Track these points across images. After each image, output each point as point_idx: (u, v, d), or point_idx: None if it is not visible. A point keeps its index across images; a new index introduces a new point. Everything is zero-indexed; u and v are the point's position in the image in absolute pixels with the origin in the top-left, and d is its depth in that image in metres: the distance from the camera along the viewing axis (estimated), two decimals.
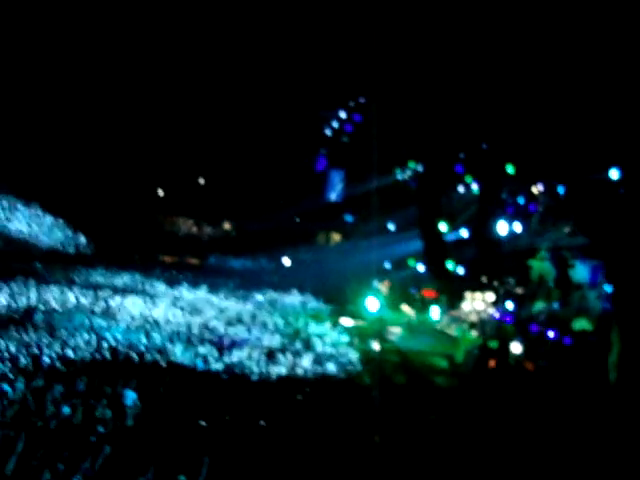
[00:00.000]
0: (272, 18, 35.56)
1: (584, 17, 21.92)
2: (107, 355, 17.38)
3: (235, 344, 20.26)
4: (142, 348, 18.33)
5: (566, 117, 23.80)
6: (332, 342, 22.70)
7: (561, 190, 27.12)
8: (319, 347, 21.55)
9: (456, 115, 31.43)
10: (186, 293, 30.06)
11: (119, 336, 19.27)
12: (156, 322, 22.35)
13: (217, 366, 17.74)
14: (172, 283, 31.93)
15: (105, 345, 18.06)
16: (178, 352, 18.40)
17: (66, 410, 12.31)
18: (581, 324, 23.01)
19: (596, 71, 21.89)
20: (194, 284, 32.64)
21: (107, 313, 22.86)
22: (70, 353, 16.88)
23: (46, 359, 15.93)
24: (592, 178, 24.22)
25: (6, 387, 13.05)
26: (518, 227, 29.51)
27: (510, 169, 30.19)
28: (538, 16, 23.81)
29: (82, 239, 38.29)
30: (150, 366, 16.94)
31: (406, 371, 22.30)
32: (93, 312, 22.67)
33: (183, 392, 14.59)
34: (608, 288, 22.92)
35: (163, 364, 17.26)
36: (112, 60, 37.73)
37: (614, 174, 23.15)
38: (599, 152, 23.05)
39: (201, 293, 30.56)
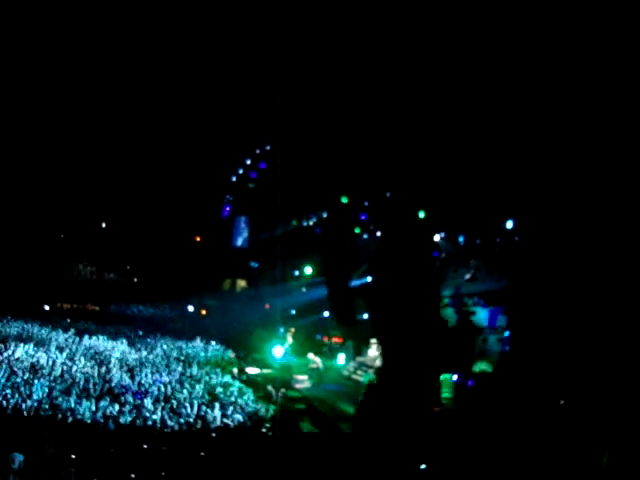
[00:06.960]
0: (177, 66, 35.62)
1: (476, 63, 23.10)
2: None
3: (137, 395, 19.47)
4: (33, 403, 17.09)
5: (465, 172, 24.96)
6: (238, 391, 22.24)
7: (461, 239, 28.15)
8: (224, 396, 21.05)
9: (361, 164, 32.20)
10: (85, 342, 28.77)
11: (8, 391, 17.93)
12: (51, 374, 21.14)
13: (119, 419, 16.91)
14: (70, 332, 30.47)
15: None
16: (74, 406, 17.33)
17: None
18: (481, 366, 23.68)
19: (491, 128, 23.14)
20: (94, 332, 31.36)
21: None
22: None
23: None
24: (490, 228, 25.40)
25: None
26: None
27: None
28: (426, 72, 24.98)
29: None
30: (42, 423, 15.79)
31: (313, 418, 22.14)
32: None
33: (80, 450, 13.57)
34: (507, 332, 23.75)
35: (57, 420, 16.21)
36: None
37: (509, 224, 24.40)
38: (495, 204, 24.29)
39: (101, 342, 29.32)
